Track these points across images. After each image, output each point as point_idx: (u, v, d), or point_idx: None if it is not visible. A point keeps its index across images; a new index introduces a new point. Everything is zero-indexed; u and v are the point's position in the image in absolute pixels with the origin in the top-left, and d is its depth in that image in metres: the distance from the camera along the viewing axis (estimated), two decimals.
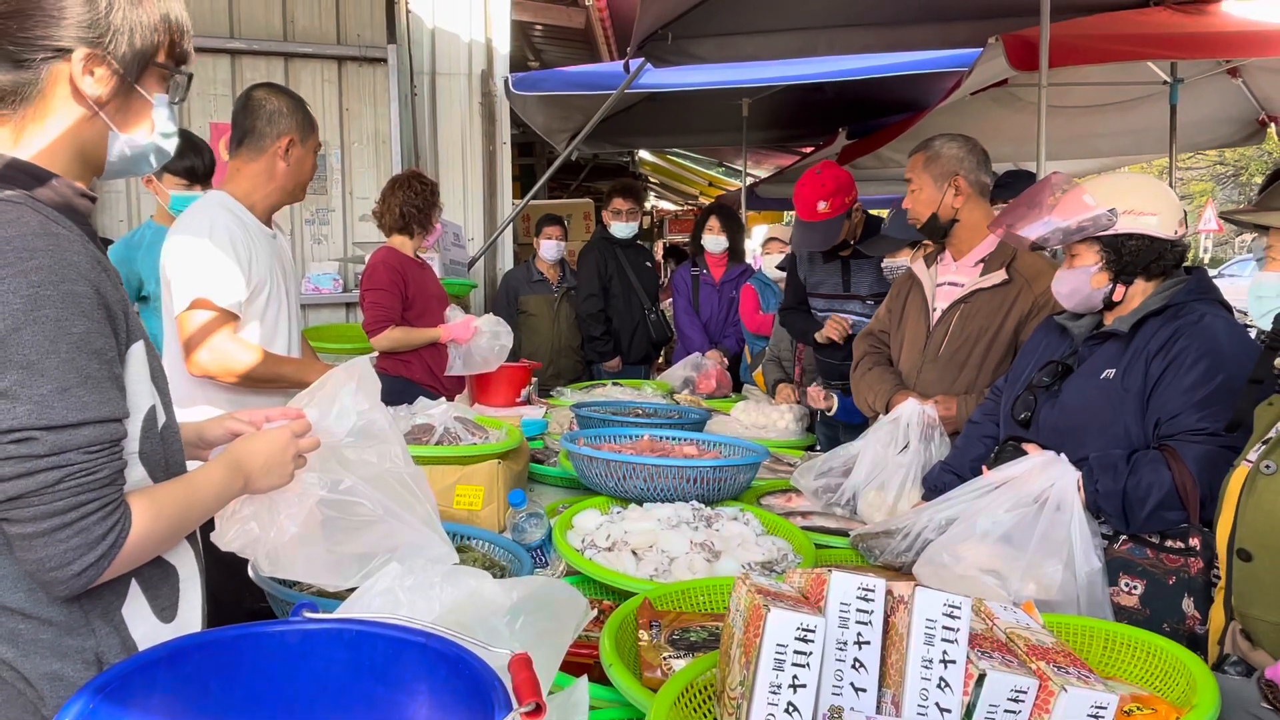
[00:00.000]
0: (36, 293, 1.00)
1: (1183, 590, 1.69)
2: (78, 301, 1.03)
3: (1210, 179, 22.00)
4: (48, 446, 1.00)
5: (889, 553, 1.88)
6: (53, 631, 1.07)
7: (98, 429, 1.03)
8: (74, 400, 1.01)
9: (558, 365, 4.65)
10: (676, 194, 13.03)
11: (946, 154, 2.49)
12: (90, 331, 1.04)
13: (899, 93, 5.52)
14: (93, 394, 1.03)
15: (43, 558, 1.01)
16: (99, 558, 1.03)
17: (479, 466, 2.12)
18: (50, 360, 1.00)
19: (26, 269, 1.00)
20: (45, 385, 1.00)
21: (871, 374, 2.65)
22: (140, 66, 1.13)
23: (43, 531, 1.00)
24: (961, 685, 1.07)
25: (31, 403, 0.99)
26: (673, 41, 4.02)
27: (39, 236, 1.02)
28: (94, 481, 1.03)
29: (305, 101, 2.38)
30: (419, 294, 3.41)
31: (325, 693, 1.04)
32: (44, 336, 1.00)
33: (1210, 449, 1.63)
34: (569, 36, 6.77)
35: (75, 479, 1.01)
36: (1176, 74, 4.72)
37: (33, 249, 1.01)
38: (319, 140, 2.41)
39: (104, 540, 1.03)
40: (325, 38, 5.03)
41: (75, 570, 1.02)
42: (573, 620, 1.22)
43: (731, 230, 4.70)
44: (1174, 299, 1.81)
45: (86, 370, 1.03)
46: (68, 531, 1.01)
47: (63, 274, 1.02)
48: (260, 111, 2.27)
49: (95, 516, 1.03)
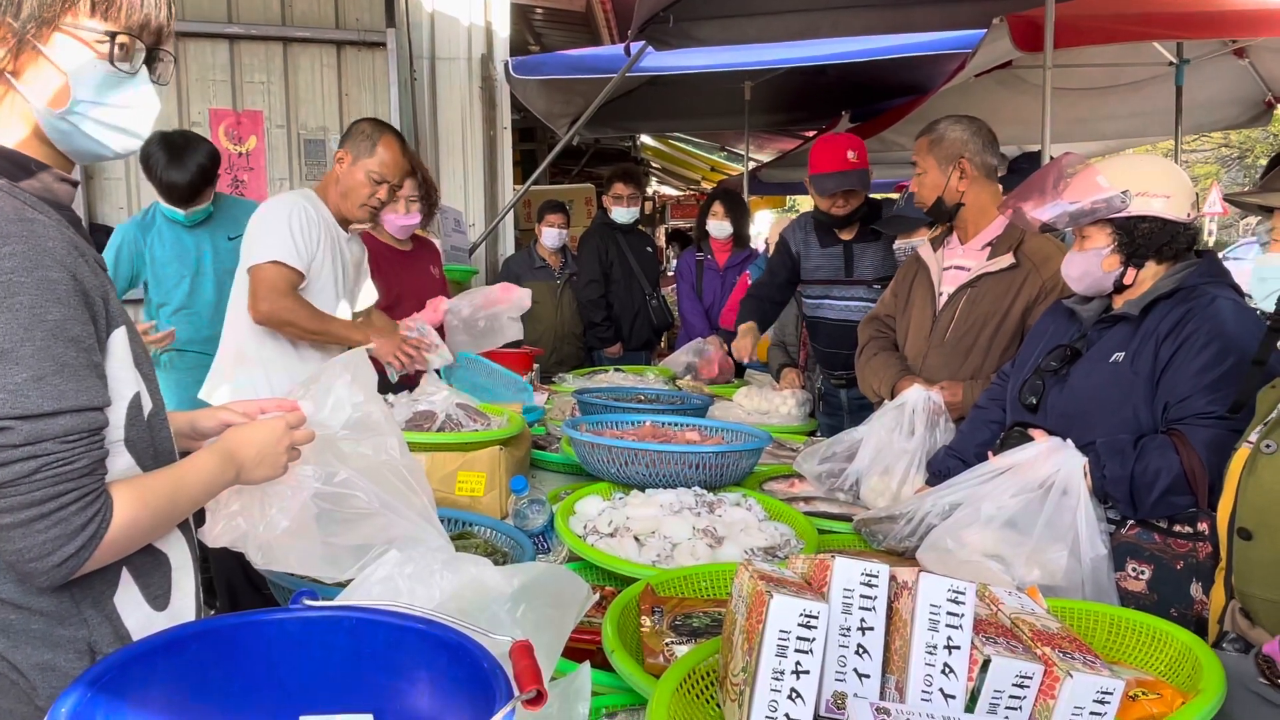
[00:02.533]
0: (9, 279, 0.98)
1: (1190, 575, 1.68)
2: (53, 288, 1.01)
3: (1215, 161, 21.88)
4: (23, 436, 0.98)
5: (892, 538, 1.87)
6: (44, 622, 1.07)
7: (75, 418, 1.01)
8: (49, 389, 0.99)
9: (560, 352, 4.64)
10: (678, 179, 12.98)
11: (951, 136, 2.46)
12: (66, 318, 1.02)
13: (902, 75, 5.47)
14: (69, 382, 1.01)
15: (21, 548, 0.99)
16: (79, 548, 1.02)
17: (481, 453, 2.12)
18: (25, 348, 0.98)
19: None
20: (20, 374, 0.98)
21: (877, 359, 2.63)
22: (40, 27, 1.04)
23: (20, 522, 0.99)
24: (966, 671, 1.06)
25: (5, 392, 0.97)
26: (674, 24, 3.98)
27: (13, 223, 1.00)
28: (72, 471, 1.01)
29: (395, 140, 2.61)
30: (395, 285, 3.21)
31: (326, 681, 1.04)
32: (18, 324, 0.98)
33: (1219, 433, 1.62)
34: (569, 19, 6.73)
35: (52, 469, 1.00)
36: (1182, 55, 4.67)
37: (5, 235, 0.99)
38: (380, 171, 2.58)
39: (84, 530, 1.02)
40: (324, 22, 4.99)
41: (55, 561, 1.00)
42: (574, 606, 1.22)
43: (736, 215, 4.67)
44: (1184, 282, 1.79)
45: (63, 358, 1.01)
46: (45, 522, 1.00)
47: (37, 260, 1.00)
48: (350, 131, 2.63)
49: (74, 507, 1.01)
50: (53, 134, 1.10)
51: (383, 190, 2.60)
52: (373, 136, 2.58)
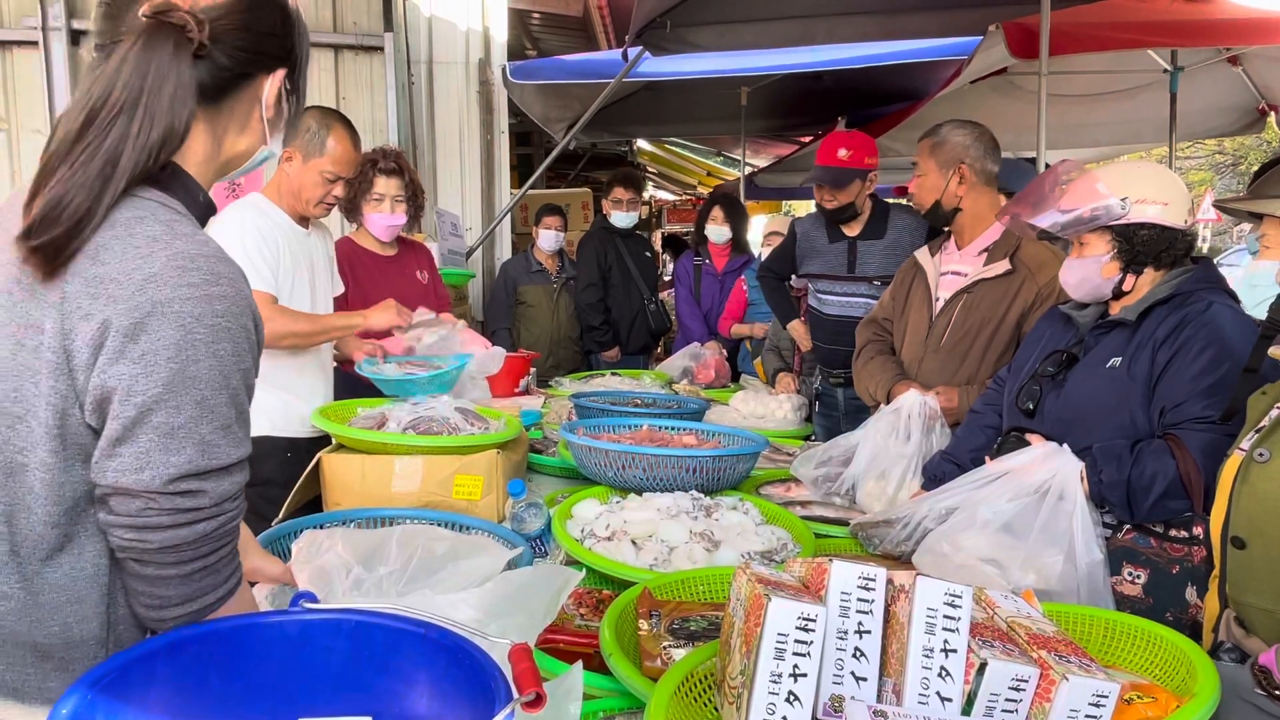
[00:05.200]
0: (218, 324, 0.94)
1: (1186, 579, 1.69)
2: (248, 337, 0.99)
3: (1209, 168, 21.95)
4: (211, 499, 0.95)
5: (889, 542, 1.88)
6: (61, 680, 1.00)
7: (244, 471, 1.00)
8: (234, 438, 0.97)
9: (556, 356, 4.64)
10: (675, 184, 12.99)
11: (953, 141, 2.48)
12: (250, 370, 1.00)
13: (898, 81, 5.49)
14: (243, 429, 0.99)
15: (168, 595, 0.97)
16: (220, 597, 1.01)
17: (478, 456, 2.12)
18: (221, 397, 0.95)
19: (211, 295, 0.94)
20: (212, 424, 0.94)
21: (873, 363, 2.64)
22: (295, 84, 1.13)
23: (185, 575, 0.96)
24: (963, 674, 1.06)
25: (201, 445, 0.94)
26: (671, 29, 4.00)
27: (225, 263, 0.98)
28: (235, 528, 1.00)
29: (346, 133, 2.47)
30: (372, 292, 2.91)
31: (325, 683, 1.04)
32: (219, 371, 0.94)
33: (1215, 438, 1.62)
34: (567, 24, 6.73)
35: (226, 526, 0.99)
36: (1176, 62, 4.70)
37: (218, 275, 0.96)
38: (334, 169, 2.46)
39: (227, 582, 1.01)
40: (322, 25, 4.99)
41: (195, 608, 0.99)
42: (544, 602, 1.24)
43: (735, 220, 4.67)
44: (1181, 288, 1.80)
45: (243, 407, 0.99)
46: (202, 574, 0.98)
47: (242, 307, 0.97)
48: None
49: (227, 558, 1.01)
50: (253, 164, 1.13)
51: (338, 187, 2.49)
52: (320, 132, 2.42)
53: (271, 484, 2.27)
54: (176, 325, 0.91)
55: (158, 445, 0.91)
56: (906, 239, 3.14)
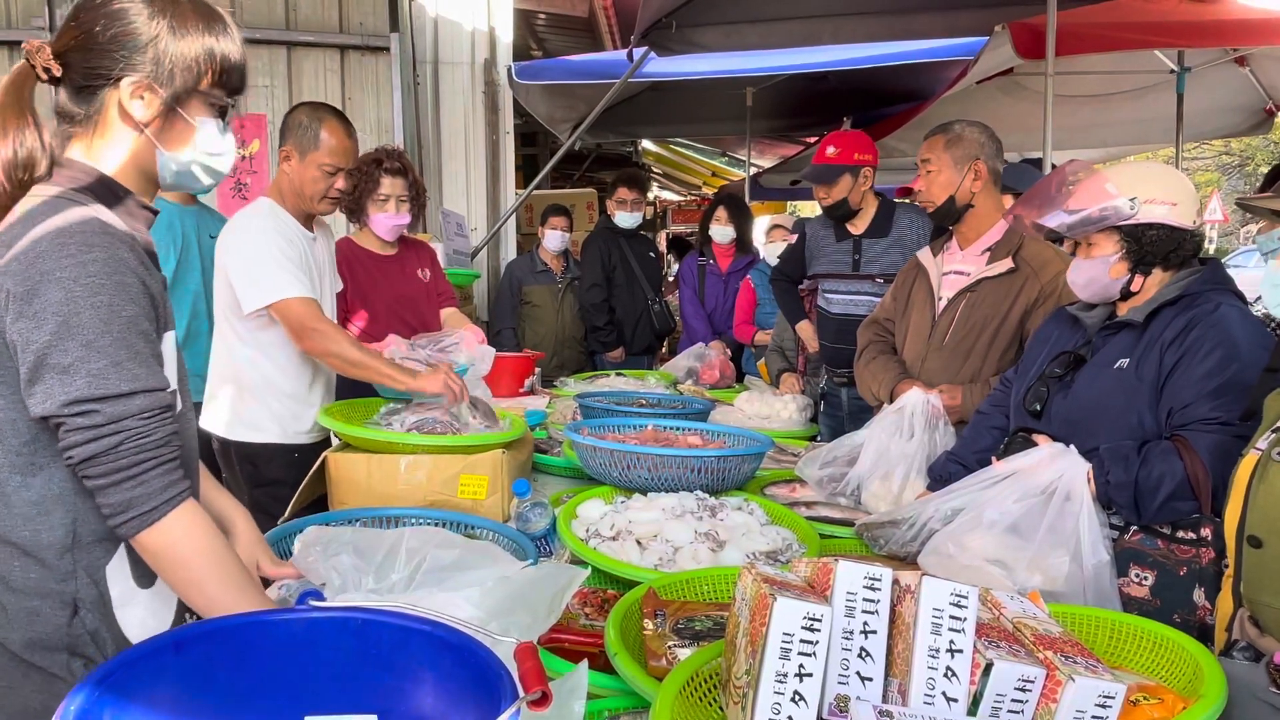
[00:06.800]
0: (93, 281, 1.16)
1: (1194, 581, 1.68)
2: (127, 290, 1.19)
3: (1216, 169, 21.90)
4: (106, 416, 1.16)
5: (894, 542, 1.87)
6: (42, 571, 1.22)
7: (148, 398, 1.19)
8: (126, 373, 1.17)
9: (561, 356, 4.64)
10: (680, 184, 13.00)
11: (969, 137, 2.48)
12: (138, 315, 1.20)
13: (904, 82, 5.50)
14: (141, 367, 1.19)
15: (113, 503, 1.18)
16: (157, 504, 1.18)
17: (483, 456, 2.12)
18: (105, 339, 1.16)
19: (85, 260, 1.16)
20: (100, 360, 1.16)
21: (876, 363, 2.64)
22: (182, 93, 1.28)
23: (110, 484, 1.17)
24: (968, 675, 1.06)
25: (90, 376, 1.15)
26: (676, 30, 4.00)
27: (99, 234, 1.19)
28: (150, 443, 1.19)
29: (338, 124, 2.45)
30: (370, 293, 2.95)
31: (331, 681, 1.04)
32: (99, 318, 1.16)
33: (1223, 439, 1.62)
34: (572, 25, 6.75)
35: (133, 441, 1.17)
36: (1183, 63, 4.69)
37: (91, 244, 1.18)
38: (332, 161, 2.42)
39: (165, 492, 1.19)
40: (328, 26, 5.01)
41: (134, 513, 1.18)
42: (548, 601, 1.25)
43: (739, 220, 4.67)
44: (1189, 289, 1.79)
45: (135, 347, 1.19)
46: (130, 483, 1.18)
47: (116, 266, 1.19)
48: (286, 123, 2.48)
49: (154, 471, 1.19)
50: (165, 171, 1.32)
51: (340, 179, 2.45)
52: (313, 126, 2.41)
53: (280, 484, 2.30)
54: (59, 287, 1.15)
55: (56, 381, 1.15)
56: (911, 237, 3.14)
